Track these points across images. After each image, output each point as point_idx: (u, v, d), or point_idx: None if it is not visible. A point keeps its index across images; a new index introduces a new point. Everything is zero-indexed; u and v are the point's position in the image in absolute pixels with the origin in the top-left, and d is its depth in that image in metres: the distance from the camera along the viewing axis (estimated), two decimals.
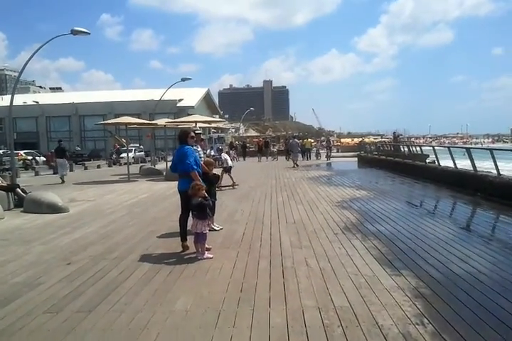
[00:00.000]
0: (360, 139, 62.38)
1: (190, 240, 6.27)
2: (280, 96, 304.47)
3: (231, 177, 14.83)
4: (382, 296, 4.39)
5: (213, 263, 5.72)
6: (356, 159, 29.14)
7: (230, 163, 14.88)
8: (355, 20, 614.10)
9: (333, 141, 62.97)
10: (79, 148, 46.63)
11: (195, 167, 6.25)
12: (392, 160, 21.17)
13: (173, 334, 3.68)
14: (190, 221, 6.28)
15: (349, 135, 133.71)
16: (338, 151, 46.42)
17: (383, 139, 65.67)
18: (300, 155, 29.91)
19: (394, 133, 31.27)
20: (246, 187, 14.94)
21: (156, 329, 3.77)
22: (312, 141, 52.21)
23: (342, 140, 75.42)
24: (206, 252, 6.02)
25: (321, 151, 37.47)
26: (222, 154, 15.52)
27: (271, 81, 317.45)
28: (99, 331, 3.77)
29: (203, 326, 3.82)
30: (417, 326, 3.72)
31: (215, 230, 7.54)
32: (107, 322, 3.95)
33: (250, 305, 4.25)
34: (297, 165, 25.24)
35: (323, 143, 36.56)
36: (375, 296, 4.40)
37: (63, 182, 18.19)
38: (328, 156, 33.42)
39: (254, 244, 6.69)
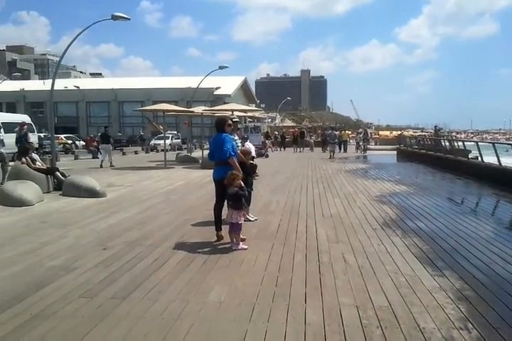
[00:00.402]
0: (399, 132, 60.97)
1: (224, 230, 6.20)
2: (318, 86, 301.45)
3: None
4: (423, 297, 4.20)
5: (248, 254, 5.63)
6: (395, 152, 28.50)
7: (253, 152, 14.63)
8: (396, 10, 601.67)
9: (371, 133, 61.91)
10: (120, 134, 47.31)
11: (233, 153, 6.15)
12: (433, 154, 20.57)
13: (206, 326, 3.61)
14: (225, 210, 6.21)
15: (388, 127, 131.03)
16: (376, 144, 45.56)
17: (423, 133, 64.12)
18: (337, 146, 29.46)
19: (435, 127, 30.43)
20: (282, 177, 14.79)
21: (190, 320, 3.71)
22: (350, 132, 51.50)
23: (380, 132, 74.02)
24: (241, 243, 5.93)
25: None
26: (246, 143, 15.17)
27: (309, 70, 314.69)
28: (133, 319, 3.73)
29: (237, 319, 3.74)
30: (460, 331, 3.53)
31: (250, 220, 7.45)
32: (141, 310, 3.92)
33: (285, 300, 4.14)
34: (333, 158, 24.93)
35: (360, 135, 35.30)
36: (416, 297, 4.21)
37: (101, 166, 18.58)
38: (364, 149, 32.06)
39: (290, 237, 6.57)
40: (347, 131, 42.71)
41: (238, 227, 5.92)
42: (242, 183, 5.97)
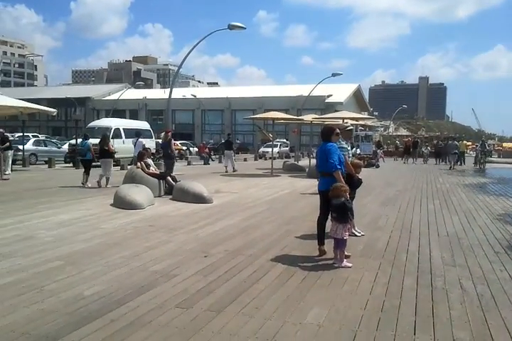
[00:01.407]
0: None
1: (327, 244, 5.88)
2: (436, 94, 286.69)
3: None
4: None
5: (352, 273, 5.24)
6: None
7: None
8: None
9: (493, 144, 57.20)
10: (238, 141, 48.58)
11: (339, 167, 5.80)
12: None
13: None
14: (329, 223, 5.88)
15: None
16: (499, 156, 41.98)
17: None
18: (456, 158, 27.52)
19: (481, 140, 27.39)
20: (393, 190, 14.00)
21: None
22: (469, 143, 48.10)
23: (504, 144, 68.31)
24: (345, 260, 5.56)
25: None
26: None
27: (427, 77, 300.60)
28: (226, 335, 3.56)
29: None
30: None
31: (356, 236, 7.03)
32: (235, 326, 3.74)
33: (392, 330, 3.72)
34: (453, 169, 23.34)
35: (477, 146, 31.88)
36: None
37: (227, 171, 19.98)
38: (481, 163, 27.71)
39: (400, 256, 6.05)
40: (465, 142, 39.82)
41: (343, 243, 5.54)
42: (347, 195, 5.61)
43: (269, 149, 31.19)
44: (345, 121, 19.18)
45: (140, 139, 17.53)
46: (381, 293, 4.59)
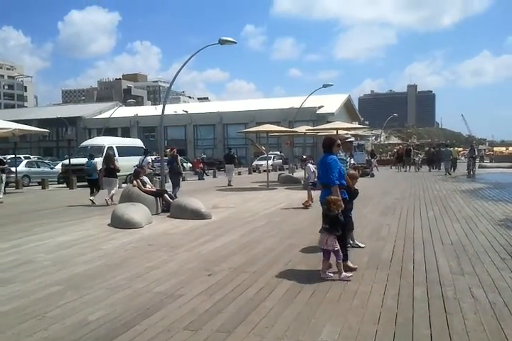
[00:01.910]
0: None
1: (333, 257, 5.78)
2: (425, 101, 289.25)
3: (310, 194, 12.26)
4: None
5: (360, 286, 5.14)
6: None
7: (312, 176, 12.28)
8: (510, 18, 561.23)
9: (484, 149, 57.48)
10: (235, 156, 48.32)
11: (337, 182, 5.71)
12: None
13: None
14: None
15: (503, 143, 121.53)
16: (491, 161, 42.21)
17: None
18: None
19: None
20: (391, 198, 13.96)
21: None
22: (460, 149, 48.41)
23: (495, 148, 68.73)
24: (344, 272, 5.45)
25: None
26: (308, 165, 12.94)
27: (415, 85, 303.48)
28: None
29: None
30: None
31: (360, 247, 6.95)
32: None
33: None
34: (449, 175, 23.43)
35: (465, 152, 31.16)
36: None
37: (230, 185, 20.33)
38: (472, 170, 25.88)
39: (407, 267, 5.96)
40: (457, 148, 39.99)
41: (338, 254, 5.44)
42: (339, 210, 5.50)
43: (263, 162, 31.17)
44: (346, 133, 19.18)
45: (147, 157, 17.90)
46: (393, 306, 4.49)
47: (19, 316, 4.37)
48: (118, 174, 19.00)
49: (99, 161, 15.60)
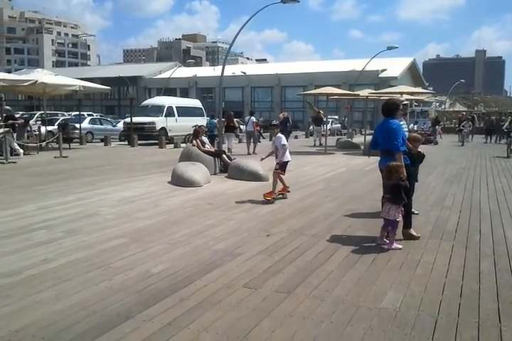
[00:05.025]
0: None
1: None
2: (494, 68, 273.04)
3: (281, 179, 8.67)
4: None
5: (424, 255, 4.98)
6: None
7: (288, 156, 8.80)
8: None
9: None
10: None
11: (402, 148, 5.43)
12: None
13: (381, 338, 3.15)
14: None
15: None
16: None
17: None
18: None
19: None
20: (456, 168, 13.35)
21: (362, 328, 3.27)
22: None
23: None
24: (395, 242, 5.27)
25: None
26: (278, 135, 8.89)
27: (484, 51, 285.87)
28: (299, 319, 3.43)
29: (417, 334, 3.20)
30: None
31: (414, 213, 6.68)
32: (307, 309, 3.60)
33: (474, 317, 3.48)
34: None
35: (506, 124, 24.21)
36: None
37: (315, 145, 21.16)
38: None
39: (472, 238, 5.71)
40: None
41: (395, 225, 5.26)
42: (404, 174, 5.25)
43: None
44: (400, 96, 18.30)
45: (252, 117, 20.17)
46: (458, 277, 4.32)
47: (85, 266, 4.56)
48: (175, 134, 20.25)
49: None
